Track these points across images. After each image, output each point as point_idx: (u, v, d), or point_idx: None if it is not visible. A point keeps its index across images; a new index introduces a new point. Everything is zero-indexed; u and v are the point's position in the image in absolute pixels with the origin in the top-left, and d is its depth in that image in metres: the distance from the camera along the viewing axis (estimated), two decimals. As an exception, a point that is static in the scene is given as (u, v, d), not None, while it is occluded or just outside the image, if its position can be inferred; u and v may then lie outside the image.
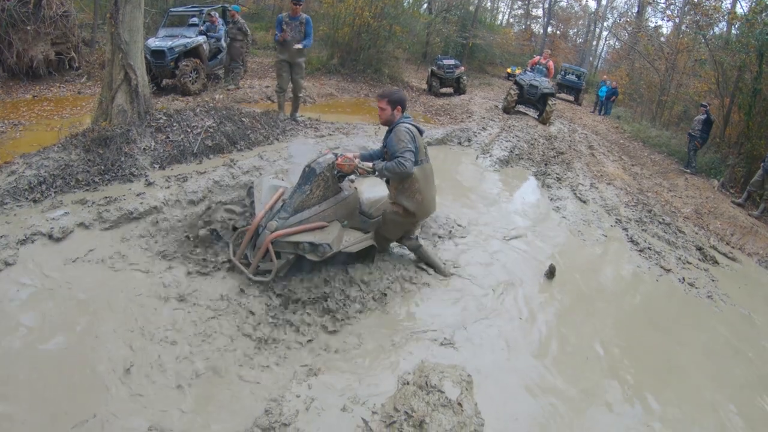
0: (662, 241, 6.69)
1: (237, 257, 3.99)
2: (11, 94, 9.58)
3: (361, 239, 4.09)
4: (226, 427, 2.65)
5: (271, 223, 3.86)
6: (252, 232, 3.96)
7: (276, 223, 3.86)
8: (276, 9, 22.34)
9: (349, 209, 4.21)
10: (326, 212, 4.00)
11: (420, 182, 3.99)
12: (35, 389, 2.72)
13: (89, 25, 13.40)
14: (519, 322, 4.08)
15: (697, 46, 19.98)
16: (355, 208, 4.30)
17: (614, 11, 45.81)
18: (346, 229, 4.15)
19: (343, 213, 4.15)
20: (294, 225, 3.85)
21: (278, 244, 3.80)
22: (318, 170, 3.95)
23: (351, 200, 4.23)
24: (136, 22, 5.84)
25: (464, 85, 18.46)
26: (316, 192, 3.97)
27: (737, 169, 12.50)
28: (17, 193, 4.58)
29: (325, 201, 4.02)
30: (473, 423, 2.82)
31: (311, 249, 3.76)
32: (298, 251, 3.82)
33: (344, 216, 4.16)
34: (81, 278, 3.71)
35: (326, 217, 3.99)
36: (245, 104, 9.83)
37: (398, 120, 4.00)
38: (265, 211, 4.01)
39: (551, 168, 9.23)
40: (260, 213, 4.00)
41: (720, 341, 4.54)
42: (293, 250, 3.83)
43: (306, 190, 3.93)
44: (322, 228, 3.91)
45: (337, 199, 4.10)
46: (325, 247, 3.73)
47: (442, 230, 5.44)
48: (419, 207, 4.05)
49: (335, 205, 4.07)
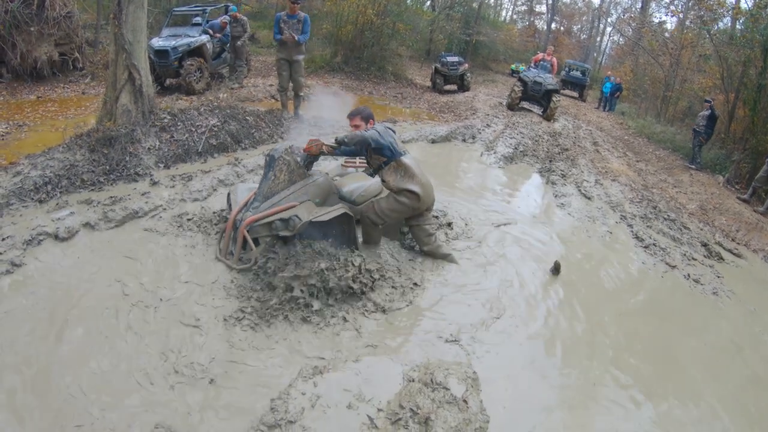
0: (667, 238, 6.66)
1: (222, 255, 4.12)
2: (15, 95, 9.62)
3: (332, 209, 4.12)
4: (232, 424, 2.66)
5: (246, 215, 4.00)
6: (230, 228, 4.10)
7: (250, 213, 3.99)
8: (278, 8, 22.34)
9: (321, 191, 4.31)
10: (296, 194, 4.12)
11: (413, 167, 4.22)
12: (40, 385, 2.74)
13: (93, 26, 13.45)
14: (523, 318, 4.07)
15: (701, 42, 19.90)
16: (329, 191, 4.40)
17: (618, 7, 45.77)
18: (319, 206, 4.23)
19: (315, 194, 4.25)
20: (266, 210, 3.99)
21: (253, 230, 3.93)
22: (276, 155, 4.10)
23: (322, 183, 4.33)
24: (139, 22, 5.86)
25: (468, 82, 18.44)
26: (281, 176, 4.10)
27: (742, 165, 12.44)
28: (23, 194, 4.61)
29: (293, 185, 4.16)
30: (479, 420, 2.82)
31: (283, 225, 3.89)
32: (273, 231, 3.93)
33: (316, 196, 4.26)
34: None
35: (297, 198, 4.11)
36: (249, 103, 9.86)
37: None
38: (239, 207, 4.16)
39: (556, 164, 9.21)
40: (235, 209, 4.16)
41: (725, 338, 4.53)
42: (268, 232, 3.95)
43: (270, 177, 4.07)
44: (293, 207, 4.02)
45: (306, 182, 4.23)
46: (295, 219, 3.84)
47: (451, 229, 5.44)
48: (422, 189, 4.21)
49: (304, 187, 4.19)
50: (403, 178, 4.17)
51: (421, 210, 4.37)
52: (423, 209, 4.38)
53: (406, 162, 4.18)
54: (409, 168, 4.17)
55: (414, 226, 4.52)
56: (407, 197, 4.19)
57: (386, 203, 4.27)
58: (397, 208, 4.25)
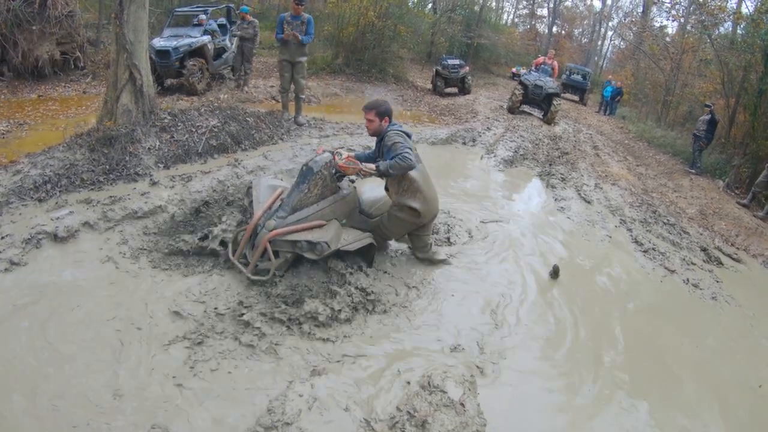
0: (666, 242, 6.66)
1: (236, 257, 3.97)
2: (16, 93, 9.64)
3: (360, 237, 4.06)
4: (228, 425, 2.66)
5: (269, 222, 3.86)
6: (250, 232, 3.95)
7: (274, 222, 3.85)
8: (281, 9, 22.40)
9: (348, 208, 4.19)
10: (324, 211, 3.98)
11: (419, 181, 4.05)
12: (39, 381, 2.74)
13: (94, 25, 13.47)
14: (521, 322, 4.07)
15: (702, 46, 19.88)
16: (354, 207, 4.28)
17: (619, 11, 45.86)
18: (345, 227, 4.13)
19: (342, 212, 4.13)
20: (292, 224, 3.85)
21: (276, 243, 3.80)
22: (315, 169, 3.94)
23: (350, 199, 4.20)
24: (140, 22, 5.86)
25: (469, 85, 18.44)
26: (314, 191, 3.95)
27: (742, 170, 12.44)
28: (22, 193, 4.61)
29: (324, 200, 4.01)
30: (475, 423, 2.82)
31: (309, 247, 3.76)
32: (296, 250, 3.81)
33: (343, 215, 4.14)
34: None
35: (324, 215, 3.98)
36: (250, 104, 9.86)
37: (387, 128, 4.08)
38: (263, 211, 3.99)
39: (556, 168, 9.21)
40: (258, 212, 3.98)
41: (723, 343, 4.53)
42: (291, 249, 3.83)
43: (304, 189, 3.92)
44: (320, 226, 3.90)
45: (336, 198, 4.08)
46: (323, 246, 3.72)
47: (450, 234, 5.44)
48: (423, 205, 4.09)
49: (333, 203, 4.05)
50: (406, 192, 4.05)
51: (422, 224, 4.30)
52: (424, 223, 4.30)
53: (413, 175, 4.01)
54: (415, 181, 4.02)
55: (412, 235, 4.47)
56: (407, 213, 4.11)
57: (388, 221, 4.23)
58: (398, 224, 4.20)
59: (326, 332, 3.50)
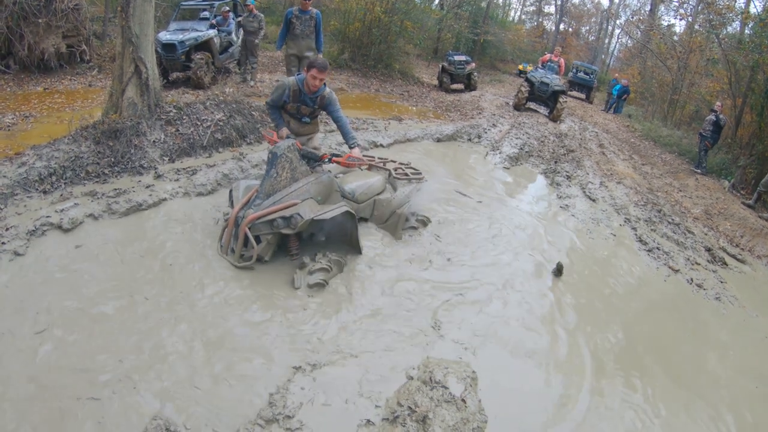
0: (671, 242, 6.64)
1: (224, 251, 4.14)
2: (22, 86, 9.65)
3: (334, 207, 4.14)
4: (230, 418, 2.66)
5: (247, 212, 3.99)
6: (232, 225, 4.10)
7: (252, 210, 3.99)
8: (287, 3, 22.34)
9: (323, 189, 4.32)
10: (298, 192, 4.12)
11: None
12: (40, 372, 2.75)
13: (100, 18, 13.46)
14: (524, 319, 4.07)
15: (709, 46, 19.75)
16: (331, 189, 4.41)
17: (627, 9, 45.48)
18: (321, 204, 4.23)
19: (317, 191, 4.25)
20: (267, 207, 3.99)
21: (255, 227, 3.94)
22: (279, 152, 4.10)
23: (324, 181, 4.34)
24: (146, 16, 5.85)
25: (475, 82, 18.38)
26: (283, 174, 4.11)
27: (748, 170, 12.38)
28: (27, 185, 4.62)
29: (296, 182, 4.17)
30: (476, 419, 2.82)
31: (285, 223, 3.91)
32: (274, 229, 3.95)
33: (318, 194, 4.25)
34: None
35: (299, 196, 4.10)
36: (255, 98, 9.84)
37: (323, 87, 4.64)
38: (241, 205, 4.15)
39: (561, 166, 9.19)
40: (236, 207, 4.15)
41: (725, 343, 4.51)
42: (270, 230, 3.97)
43: (273, 174, 4.07)
44: (294, 205, 4.03)
45: (308, 180, 4.23)
46: (297, 217, 3.87)
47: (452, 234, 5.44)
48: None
49: (306, 184, 4.19)
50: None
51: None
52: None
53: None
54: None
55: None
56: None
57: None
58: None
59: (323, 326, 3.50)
